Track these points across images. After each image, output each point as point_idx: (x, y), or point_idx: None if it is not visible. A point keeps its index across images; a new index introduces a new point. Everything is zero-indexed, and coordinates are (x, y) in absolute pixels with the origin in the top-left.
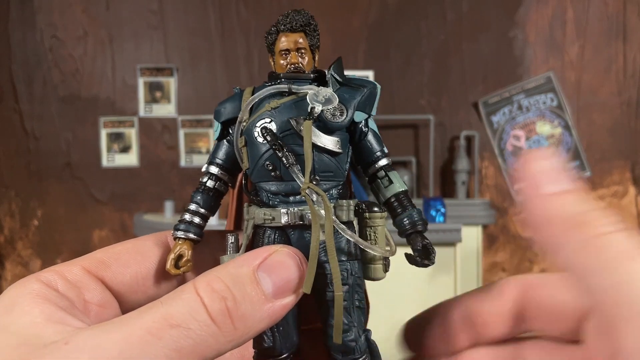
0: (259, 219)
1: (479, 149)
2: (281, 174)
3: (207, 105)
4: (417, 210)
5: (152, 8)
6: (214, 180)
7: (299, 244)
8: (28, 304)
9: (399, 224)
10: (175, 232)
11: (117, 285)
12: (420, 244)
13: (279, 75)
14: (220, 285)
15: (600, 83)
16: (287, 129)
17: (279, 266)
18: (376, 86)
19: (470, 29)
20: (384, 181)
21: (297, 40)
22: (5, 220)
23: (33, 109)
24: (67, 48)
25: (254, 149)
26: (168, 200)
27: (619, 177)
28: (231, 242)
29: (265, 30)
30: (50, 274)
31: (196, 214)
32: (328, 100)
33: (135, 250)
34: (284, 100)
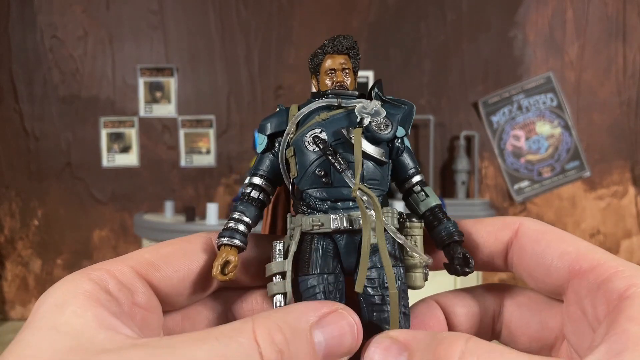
0: (307, 225)
1: (479, 149)
2: (331, 179)
3: (207, 105)
4: (452, 222)
5: (152, 8)
6: (258, 190)
7: (347, 249)
8: (81, 305)
9: (437, 235)
10: (221, 239)
11: (164, 288)
12: (461, 252)
13: (325, 93)
14: (280, 338)
15: (600, 83)
16: (337, 138)
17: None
18: (413, 106)
19: (470, 29)
20: (420, 195)
21: (342, 62)
22: (5, 220)
23: (33, 109)
24: (67, 48)
25: (303, 157)
26: (168, 200)
27: (618, 177)
28: (279, 249)
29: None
30: (101, 273)
31: (240, 222)
32: (376, 113)
33: (182, 253)
34: (333, 113)
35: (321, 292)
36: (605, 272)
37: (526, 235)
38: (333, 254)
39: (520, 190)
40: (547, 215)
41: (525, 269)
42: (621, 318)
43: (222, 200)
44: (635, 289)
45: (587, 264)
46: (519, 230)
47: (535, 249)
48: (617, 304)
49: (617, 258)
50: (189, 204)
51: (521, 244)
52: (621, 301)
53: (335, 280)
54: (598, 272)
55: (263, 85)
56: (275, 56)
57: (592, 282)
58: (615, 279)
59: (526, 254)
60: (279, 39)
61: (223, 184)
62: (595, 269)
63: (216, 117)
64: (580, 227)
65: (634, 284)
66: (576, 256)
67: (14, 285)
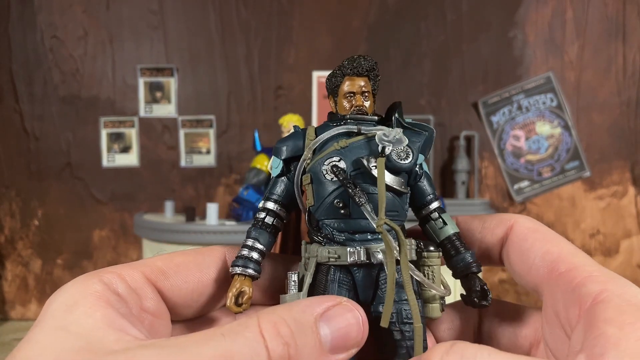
0: (323, 257)
1: (479, 149)
2: (350, 211)
3: (207, 105)
4: (470, 252)
5: (152, 8)
6: (272, 216)
7: (364, 283)
8: (90, 305)
9: (455, 265)
10: (234, 269)
11: (173, 297)
12: (479, 285)
13: (343, 117)
14: (286, 330)
15: (600, 83)
16: (356, 168)
17: (340, 320)
18: (434, 131)
19: (470, 29)
20: (438, 223)
21: (362, 84)
22: (5, 220)
23: (33, 109)
24: (67, 48)
25: (320, 186)
26: (168, 200)
27: (618, 177)
28: (293, 281)
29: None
30: (112, 276)
31: (254, 249)
32: (398, 141)
33: (194, 265)
34: (352, 140)
35: None
36: (579, 275)
37: (517, 232)
38: (349, 287)
39: (520, 190)
40: (547, 215)
41: (511, 265)
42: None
43: (222, 200)
44: (608, 293)
45: (565, 266)
46: (512, 227)
47: (521, 246)
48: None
49: (595, 264)
50: (189, 204)
51: (512, 240)
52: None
53: None
54: (573, 275)
55: (263, 85)
56: (275, 56)
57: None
58: (589, 283)
59: (514, 250)
60: (279, 39)
61: (223, 184)
62: (571, 272)
63: (216, 117)
64: (580, 227)
65: (606, 288)
66: (557, 257)
67: (14, 285)
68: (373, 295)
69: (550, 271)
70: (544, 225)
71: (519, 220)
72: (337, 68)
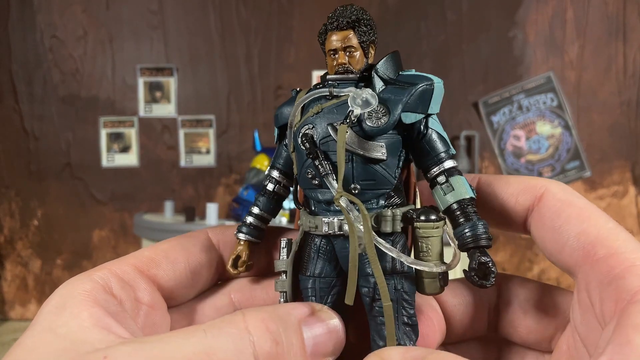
0: (306, 226)
1: (479, 149)
2: (321, 182)
3: (207, 105)
4: (470, 223)
5: (152, 8)
6: (274, 183)
7: (341, 255)
8: (77, 305)
9: (459, 235)
10: (237, 234)
11: (167, 282)
12: (476, 262)
13: (324, 79)
14: (275, 327)
15: (600, 83)
16: (327, 135)
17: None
18: (432, 82)
19: (470, 29)
20: (443, 189)
21: (345, 39)
22: (5, 220)
23: (33, 109)
24: (67, 48)
25: (299, 155)
26: (168, 200)
27: (619, 177)
28: (282, 247)
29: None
30: (103, 273)
31: (255, 215)
32: (366, 103)
33: (180, 247)
34: (325, 105)
35: (314, 296)
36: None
37: (548, 205)
38: (330, 256)
39: None
40: None
41: (541, 240)
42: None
43: (222, 200)
44: None
45: (603, 250)
46: (542, 196)
47: (554, 222)
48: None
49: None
50: (189, 204)
51: (541, 213)
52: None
53: (329, 284)
54: (612, 264)
55: (263, 85)
56: (275, 56)
57: (604, 274)
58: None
59: (544, 225)
60: (279, 39)
61: (223, 184)
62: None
63: (216, 117)
64: None
65: None
66: (594, 239)
67: (14, 286)
68: None
69: (587, 255)
70: (579, 195)
71: (550, 189)
72: (324, 23)
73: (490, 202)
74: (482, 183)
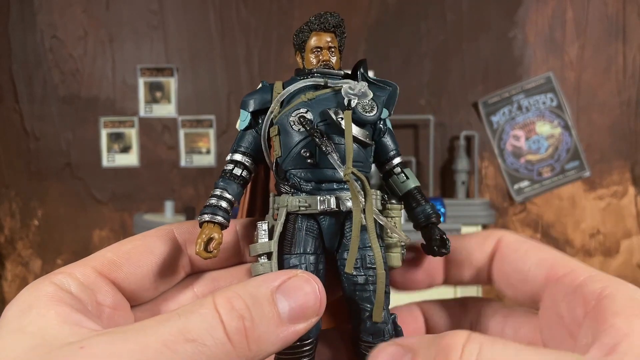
0: (293, 206)
1: (479, 149)
2: (317, 161)
3: (207, 105)
4: (430, 204)
5: (152, 8)
6: (240, 167)
7: (330, 230)
8: (44, 305)
9: (415, 216)
10: (202, 216)
11: (129, 285)
12: (439, 234)
13: (310, 71)
14: (240, 304)
15: (600, 83)
16: (323, 119)
17: (297, 291)
18: (397, 87)
19: (470, 29)
20: (401, 177)
21: (328, 40)
22: (5, 220)
23: (33, 109)
24: (67, 48)
25: (288, 137)
26: (168, 200)
27: (618, 177)
28: (263, 230)
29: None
30: (62, 276)
31: (222, 198)
32: (364, 94)
33: (144, 248)
34: (319, 93)
35: None
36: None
37: (506, 245)
38: (316, 234)
39: (520, 190)
40: (547, 215)
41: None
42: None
43: None
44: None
45: (562, 269)
46: (500, 241)
47: (514, 256)
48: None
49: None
50: (189, 204)
51: (502, 253)
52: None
53: (316, 260)
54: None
55: None
56: (275, 56)
57: (567, 285)
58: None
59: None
60: (279, 38)
61: None
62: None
63: (216, 117)
64: (580, 227)
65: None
66: (553, 263)
67: (14, 285)
68: (339, 243)
69: (549, 276)
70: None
71: (505, 234)
72: (304, 24)
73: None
74: None
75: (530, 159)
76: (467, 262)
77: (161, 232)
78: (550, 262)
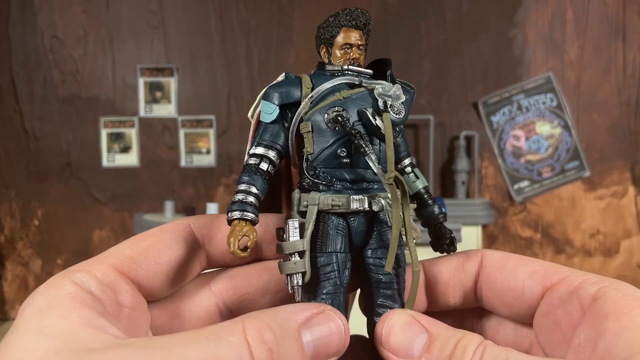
0: (326, 204)
1: (479, 149)
2: (352, 161)
3: (207, 105)
4: (438, 204)
5: (152, 8)
6: (266, 162)
7: (359, 229)
8: (66, 307)
9: (425, 215)
10: (232, 214)
11: (147, 283)
12: (448, 234)
13: (342, 68)
14: (270, 336)
15: (599, 83)
16: (359, 119)
17: (323, 328)
18: (415, 90)
19: (470, 29)
20: (411, 177)
21: (358, 37)
22: (5, 220)
23: (33, 109)
24: (67, 48)
25: (321, 135)
26: (168, 200)
27: (618, 177)
28: (295, 227)
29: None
30: (81, 274)
31: (249, 194)
32: (397, 97)
33: (162, 244)
34: (353, 92)
35: (335, 271)
36: (575, 281)
37: (491, 264)
38: (345, 233)
39: (520, 190)
40: (547, 215)
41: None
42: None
43: (222, 200)
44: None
45: (557, 276)
46: (482, 260)
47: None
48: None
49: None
50: (189, 204)
51: (488, 272)
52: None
53: (345, 259)
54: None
55: (263, 85)
56: (275, 56)
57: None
58: (585, 285)
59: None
60: (279, 39)
61: (223, 184)
62: (565, 280)
63: (216, 117)
64: (580, 227)
65: (603, 285)
66: (544, 273)
67: (14, 285)
68: (365, 242)
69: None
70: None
71: (486, 252)
72: (332, 17)
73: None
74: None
75: (530, 159)
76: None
77: (178, 227)
78: (541, 273)
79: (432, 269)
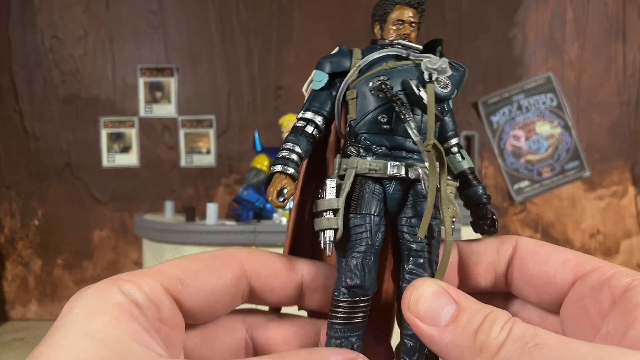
0: (363, 168)
1: (479, 149)
2: (392, 127)
3: (207, 105)
4: (482, 185)
5: (152, 8)
6: (312, 126)
7: (394, 195)
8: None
9: (468, 195)
10: (274, 167)
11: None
12: (490, 214)
13: (392, 42)
14: None
15: (600, 83)
16: (402, 89)
17: None
18: (466, 70)
19: (470, 29)
20: (457, 157)
21: (411, 15)
22: (5, 220)
23: (33, 109)
24: (67, 48)
25: (365, 101)
26: (168, 200)
27: (618, 177)
28: (332, 187)
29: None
30: (130, 286)
31: (293, 152)
32: (443, 70)
33: (212, 271)
34: (400, 63)
35: (367, 231)
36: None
37: (525, 249)
38: (380, 198)
39: (520, 190)
40: (547, 215)
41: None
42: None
43: (222, 200)
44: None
45: (589, 266)
46: (516, 245)
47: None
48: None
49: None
50: (189, 204)
51: (522, 257)
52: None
53: (379, 222)
54: (601, 272)
55: (263, 86)
56: (275, 56)
57: (595, 280)
58: (618, 276)
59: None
60: (279, 39)
61: (223, 184)
62: (598, 270)
63: (216, 117)
64: (580, 227)
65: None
66: (578, 261)
67: (14, 285)
68: (400, 208)
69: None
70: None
71: (520, 238)
72: None
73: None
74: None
75: (530, 159)
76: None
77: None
78: (574, 262)
79: (466, 249)
